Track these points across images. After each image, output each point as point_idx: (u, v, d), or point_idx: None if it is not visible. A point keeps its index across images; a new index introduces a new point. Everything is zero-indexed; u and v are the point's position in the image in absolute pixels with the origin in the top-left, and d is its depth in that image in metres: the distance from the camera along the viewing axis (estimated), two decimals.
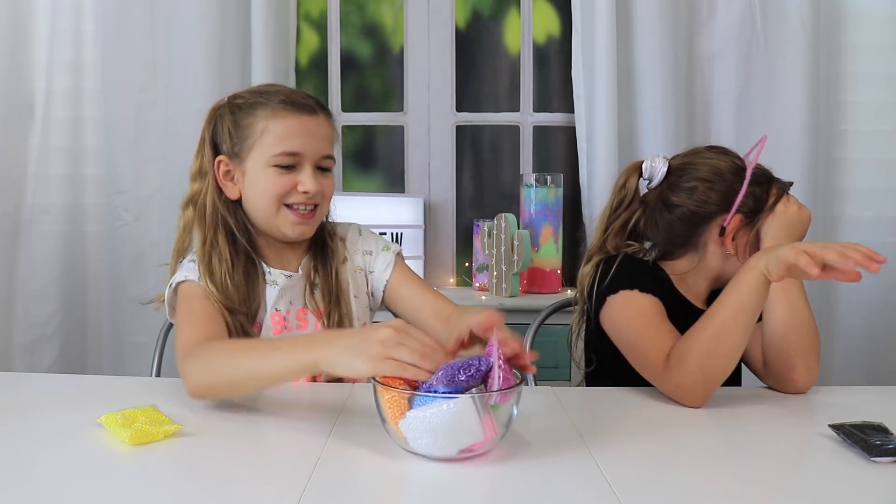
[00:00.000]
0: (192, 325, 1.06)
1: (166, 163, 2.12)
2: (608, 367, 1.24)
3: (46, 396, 1.05)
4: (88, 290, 2.18)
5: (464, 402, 0.75)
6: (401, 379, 0.79)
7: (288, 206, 1.13)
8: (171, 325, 1.51)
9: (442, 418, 0.75)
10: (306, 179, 1.11)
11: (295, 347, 0.88)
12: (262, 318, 1.16)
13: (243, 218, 1.16)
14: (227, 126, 1.14)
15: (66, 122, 2.14)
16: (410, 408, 0.77)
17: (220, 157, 1.14)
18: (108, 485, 0.73)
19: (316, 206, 1.15)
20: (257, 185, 1.13)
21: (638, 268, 1.23)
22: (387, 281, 1.23)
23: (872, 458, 0.79)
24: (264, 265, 1.18)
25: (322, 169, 1.15)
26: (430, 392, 0.77)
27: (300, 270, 1.19)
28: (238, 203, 1.16)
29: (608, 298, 1.17)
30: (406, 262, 1.28)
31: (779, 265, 0.95)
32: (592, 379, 1.31)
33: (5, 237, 2.11)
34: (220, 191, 1.15)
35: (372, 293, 1.26)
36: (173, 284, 1.14)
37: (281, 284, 1.16)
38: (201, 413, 0.95)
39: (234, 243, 1.14)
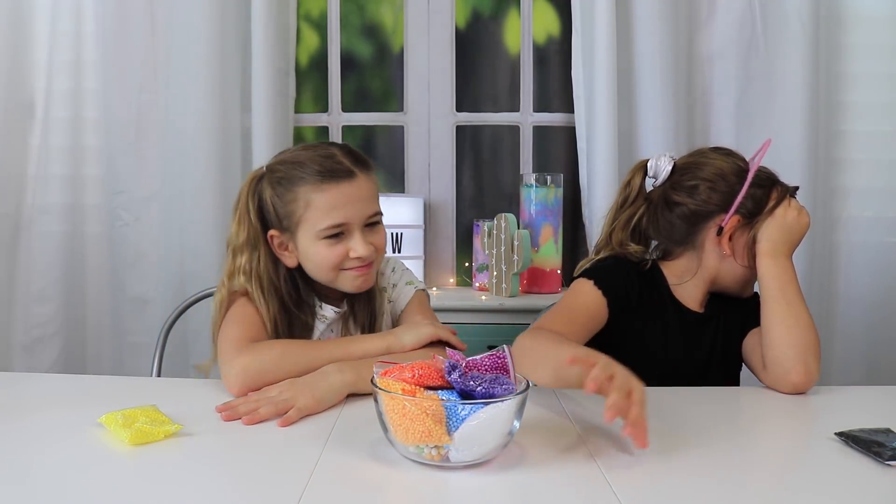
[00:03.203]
0: (237, 327, 1.13)
1: (166, 163, 2.12)
2: None
3: (46, 396, 1.05)
4: (88, 290, 2.18)
5: (514, 402, 0.76)
6: (404, 380, 0.78)
7: (345, 268, 1.18)
8: (170, 326, 1.51)
9: (496, 420, 0.75)
10: (357, 245, 1.16)
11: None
12: None
13: (300, 279, 1.22)
14: (270, 201, 1.18)
15: (66, 122, 2.14)
16: (448, 415, 0.74)
17: (271, 232, 1.19)
18: (108, 485, 0.73)
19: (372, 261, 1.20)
20: (312, 258, 1.17)
21: (615, 268, 1.25)
22: (399, 314, 1.32)
23: (887, 462, 0.79)
24: (317, 300, 1.24)
25: (371, 224, 1.19)
26: (478, 397, 0.76)
27: (344, 304, 1.26)
28: (297, 268, 1.21)
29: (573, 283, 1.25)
30: (426, 299, 1.35)
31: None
32: None
33: (5, 237, 2.11)
34: (275, 260, 1.20)
35: (392, 318, 1.35)
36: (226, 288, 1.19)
37: (329, 319, 1.24)
38: (201, 413, 0.95)
39: (289, 309, 1.20)
